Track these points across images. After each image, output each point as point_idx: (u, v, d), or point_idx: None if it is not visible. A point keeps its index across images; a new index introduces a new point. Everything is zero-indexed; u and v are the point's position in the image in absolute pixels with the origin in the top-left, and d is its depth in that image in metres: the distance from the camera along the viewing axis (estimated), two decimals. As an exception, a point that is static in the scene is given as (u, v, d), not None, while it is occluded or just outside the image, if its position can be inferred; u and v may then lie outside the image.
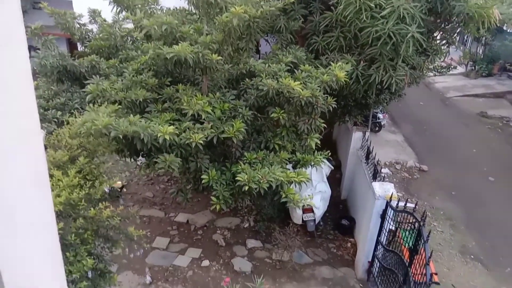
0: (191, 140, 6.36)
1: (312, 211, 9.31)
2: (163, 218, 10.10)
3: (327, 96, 7.26)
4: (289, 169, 7.47)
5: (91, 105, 6.42)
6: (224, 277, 8.59)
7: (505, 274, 9.20)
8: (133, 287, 8.34)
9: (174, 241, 9.51)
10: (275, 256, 9.19)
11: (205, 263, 8.95)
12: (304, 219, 9.40)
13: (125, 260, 8.80)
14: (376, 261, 8.20)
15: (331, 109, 7.47)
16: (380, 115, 13.50)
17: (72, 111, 8.67)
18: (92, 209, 5.32)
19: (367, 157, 9.46)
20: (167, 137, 6.03)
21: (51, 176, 5.41)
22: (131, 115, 6.26)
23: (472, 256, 9.59)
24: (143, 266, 8.79)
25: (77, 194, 5.22)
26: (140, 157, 7.73)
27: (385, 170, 11.77)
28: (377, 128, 13.86)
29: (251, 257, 9.19)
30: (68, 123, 6.51)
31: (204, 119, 6.78)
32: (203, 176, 7.01)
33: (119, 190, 10.33)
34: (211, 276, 8.68)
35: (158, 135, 6.03)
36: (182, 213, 10.21)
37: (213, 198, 7.01)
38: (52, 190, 5.27)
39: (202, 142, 6.41)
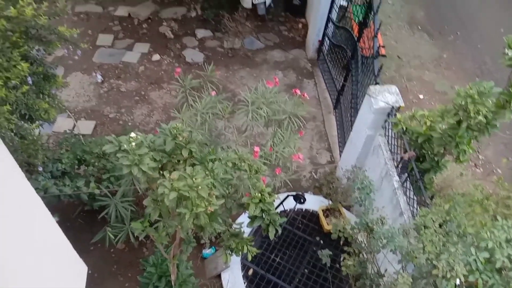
0: None
1: (262, -7, 8.77)
2: (102, 13, 9.31)
3: None
4: None
5: None
6: (180, 68, 8.55)
7: (447, 42, 9.63)
8: (86, 87, 8.23)
9: (118, 37, 9.01)
10: (226, 44, 9.02)
11: (156, 57, 8.74)
12: (254, 2, 8.90)
13: (70, 61, 8.44)
14: (326, 39, 8.23)
15: None
16: None
17: None
18: (12, 7, 4.67)
19: None
20: None
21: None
22: None
23: (419, 27, 9.80)
24: (91, 66, 8.52)
25: (-12, -8, 4.51)
26: None
27: None
28: None
29: (202, 47, 8.99)
30: None
31: None
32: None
33: (45, -15, 9.12)
34: (164, 69, 8.60)
35: None
36: (122, 6, 9.40)
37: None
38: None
39: None
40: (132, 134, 3.09)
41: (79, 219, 6.44)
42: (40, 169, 5.25)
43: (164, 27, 9.20)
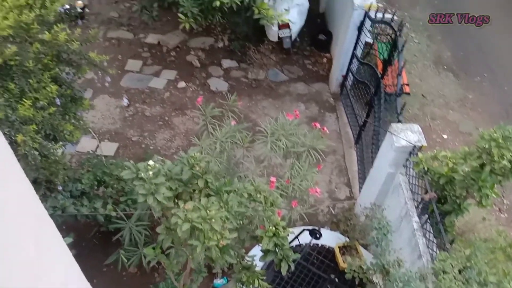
0: None
1: (289, 27, 8.91)
2: (132, 40, 9.62)
3: None
4: (262, -20, 6.87)
5: None
6: (201, 97, 8.69)
7: (473, 83, 9.52)
8: (112, 110, 8.43)
9: (147, 63, 9.26)
10: (250, 75, 9.15)
11: (181, 84, 8.92)
12: (280, 36, 9.06)
13: (99, 84, 8.68)
14: (350, 74, 8.26)
15: None
16: None
17: None
18: (47, 32, 4.89)
19: (348, -36, 8.64)
20: None
21: (-9, -4, 4.81)
22: None
23: (445, 67, 9.75)
24: (119, 90, 8.74)
25: (27, 16, 4.73)
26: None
27: (366, -21, 10.94)
28: None
29: (227, 77, 9.14)
30: None
31: None
32: (167, -9, 6.40)
33: (81, 10, 9.53)
34: (188, 96, 8.75)
35: None
36: (152, 34, 9.71)
37: (180, 15, 6.54)
38: (-3, 12, 4.75)
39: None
40: (150, 162, 3.13)
41: (94, 240, 6.49)
42: (60, 188, 5.35)
43: (192, 56, 9.42)
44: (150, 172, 3.07)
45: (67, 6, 5.84)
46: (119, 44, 9.54)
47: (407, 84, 8.35)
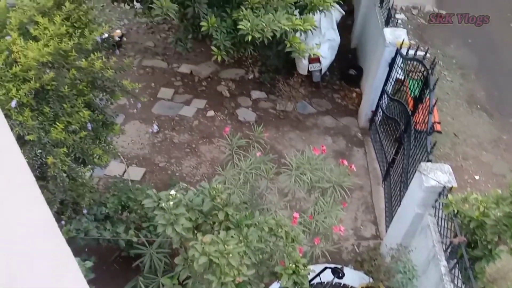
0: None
1: (319, 61, 8.98)
2: (166, 69, 9.90)
3: None
4: (295, 15, 6.98)
5: None
6: (229, 126, 8.78)
7: (508, 124, 9.24)
8: (141, 135, 8.61)
9: (178, 92, 9.48)
10: (279, 106, 9.21)
11: (210, 113, 9.05)
12: (310, 69, 9.13)
13: (131, 110, 8.91)
14: (380, 110, 8.18)
15: None
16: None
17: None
18: (84, 60, 5.09)
19: (381, 0, 8.71)
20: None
21: (36, 23, 5.08)
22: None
23: (478, 106, 9.53)
24: (150, 116, 8.94)
25: (66, 44, 4.95)
26: (136, 2, 7.27)
27: (400, 16, 10.98)
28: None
29: (255, 107, 9.23)
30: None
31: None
32: (202, 23, 6.59)
33: (119, 39, 9.93)
34: (216, 125, 8.85)
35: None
36: (186, 64, 9.97)
37: (213, 48, 6.69)
38: (40, 40, 5.00)
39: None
40: (172, 192, 3.14)
41: (115, 264, 6.50)
42: (85, 211, 5.43)
43: (222, 86, 9.58)
44: (171, 202, 3.08)
45: (106, 35, 6.08)
46: (153, 72, 9.83)
47: (439, 122, 8.18)
